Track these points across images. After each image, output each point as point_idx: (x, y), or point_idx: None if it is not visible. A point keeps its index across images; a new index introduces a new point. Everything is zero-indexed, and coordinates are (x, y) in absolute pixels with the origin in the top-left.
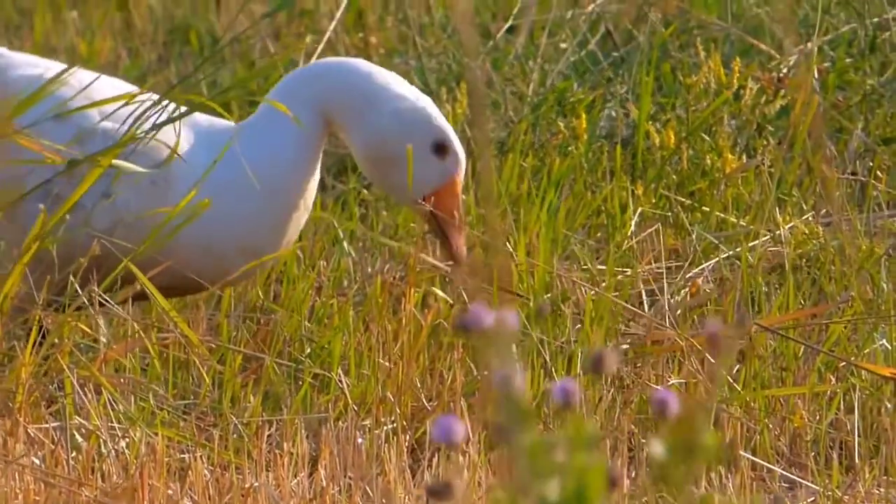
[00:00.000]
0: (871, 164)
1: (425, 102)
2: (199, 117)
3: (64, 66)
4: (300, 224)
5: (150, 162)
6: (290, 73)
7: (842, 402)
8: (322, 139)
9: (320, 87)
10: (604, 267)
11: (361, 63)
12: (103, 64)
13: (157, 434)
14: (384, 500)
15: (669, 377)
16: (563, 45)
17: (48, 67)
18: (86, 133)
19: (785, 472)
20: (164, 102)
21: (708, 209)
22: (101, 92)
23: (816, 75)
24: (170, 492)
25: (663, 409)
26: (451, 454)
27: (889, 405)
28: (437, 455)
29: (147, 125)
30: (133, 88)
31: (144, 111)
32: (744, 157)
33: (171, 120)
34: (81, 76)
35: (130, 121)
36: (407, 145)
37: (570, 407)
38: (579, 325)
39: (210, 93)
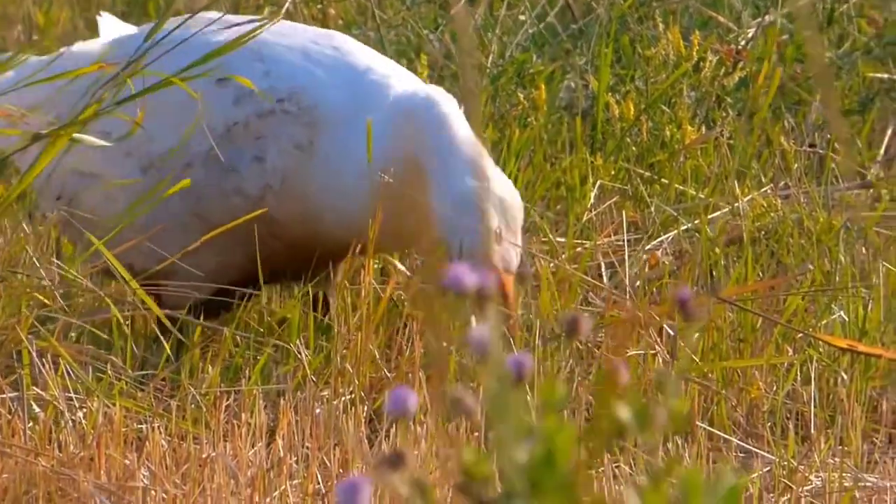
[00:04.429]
0: (829, 136)
1: (464, 208)
2: (361, 59)
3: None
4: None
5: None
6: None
7: (798, 374)
8: None
9: (408, 125)
10: (563, 239)
11: (442, 120)
12: (60, 34)
13: (114, 404)
14: (341, 471)
15: (628, 348)
16: (522, 17)
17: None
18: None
19: (741, 443)
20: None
21: (667, 181)
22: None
23: (775, 48)
24: (127, 462)
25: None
26: (409, 424)
27: (845, 376)
28: (394, 426)
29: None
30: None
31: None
32: (703, 128)
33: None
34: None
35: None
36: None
37: (521, 380)
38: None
39: None
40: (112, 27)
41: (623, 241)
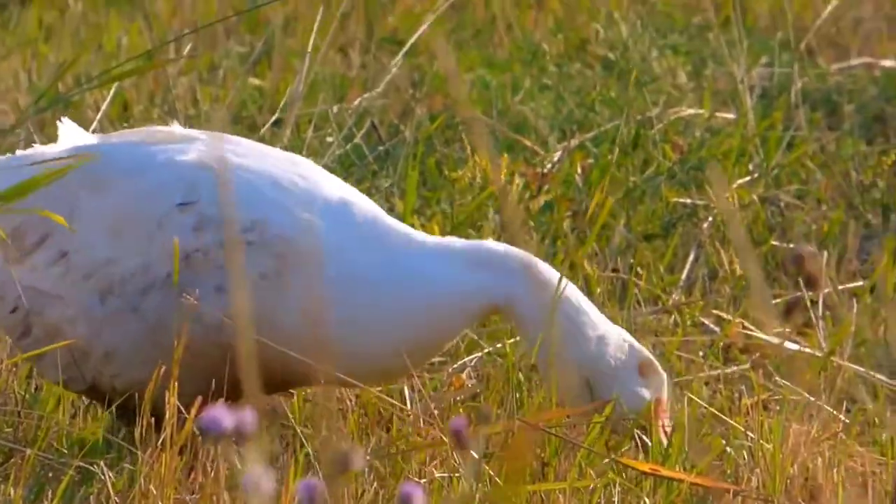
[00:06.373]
0: (632, 260)
1: (620, 330)
2: (331, 189)
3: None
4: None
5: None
6: (497, 246)
7: (602, 497)
8: (479, 315)
9: (510, 283)
10: None
11: (549, 273)
12: None
13: None
14: None
15: (433, 471)
16: (329, 139)
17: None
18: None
19: None
20: None
21: None
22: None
23: (580, 171)
24: None
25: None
26: None
27: (647, 500)
28: None
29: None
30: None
31: None
32: None
33: None
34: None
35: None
36: (615, 370)
37: None
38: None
39: None
40: (71, 134)
41: (427, 363)
